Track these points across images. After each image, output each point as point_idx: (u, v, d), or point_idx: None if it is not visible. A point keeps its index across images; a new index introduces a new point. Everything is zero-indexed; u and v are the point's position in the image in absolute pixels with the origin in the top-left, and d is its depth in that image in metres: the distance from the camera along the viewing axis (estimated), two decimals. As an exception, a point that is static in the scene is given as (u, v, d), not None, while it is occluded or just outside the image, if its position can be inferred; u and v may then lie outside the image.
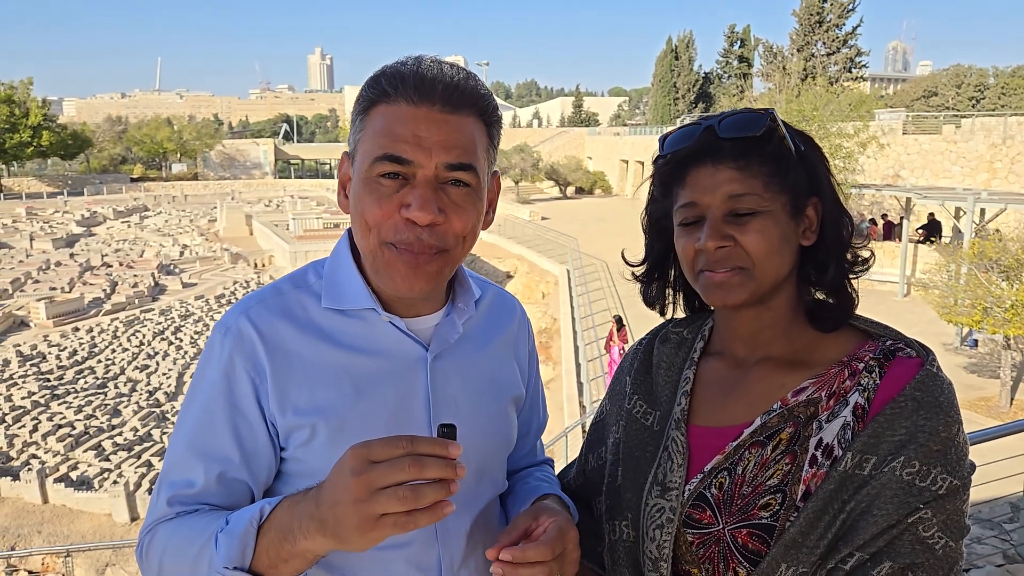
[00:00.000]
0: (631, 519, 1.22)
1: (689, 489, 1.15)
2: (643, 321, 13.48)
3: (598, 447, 1.38)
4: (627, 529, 1.22)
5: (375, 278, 1.19)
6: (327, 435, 1.15)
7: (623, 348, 13.89)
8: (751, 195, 1.12)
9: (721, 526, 1.10)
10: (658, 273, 1.33)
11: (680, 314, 1.38)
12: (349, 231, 1.26)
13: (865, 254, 1.20)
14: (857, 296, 1.20)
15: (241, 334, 1.17)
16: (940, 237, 22.97)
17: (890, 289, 22.26)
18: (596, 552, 1.28)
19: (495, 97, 1.19)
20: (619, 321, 14.80)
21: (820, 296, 1.22)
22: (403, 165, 1.09)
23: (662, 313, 1.36)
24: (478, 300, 1.33)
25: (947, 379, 1.07)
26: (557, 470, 1.52)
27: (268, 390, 1.16)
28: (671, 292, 1.35)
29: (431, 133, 1.09)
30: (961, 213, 20.65)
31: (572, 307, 21.25)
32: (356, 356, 1.20)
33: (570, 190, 55.66)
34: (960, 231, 20.63)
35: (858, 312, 1.18)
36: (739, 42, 66.02)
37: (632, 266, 1.37)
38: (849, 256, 1.19)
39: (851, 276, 1.19)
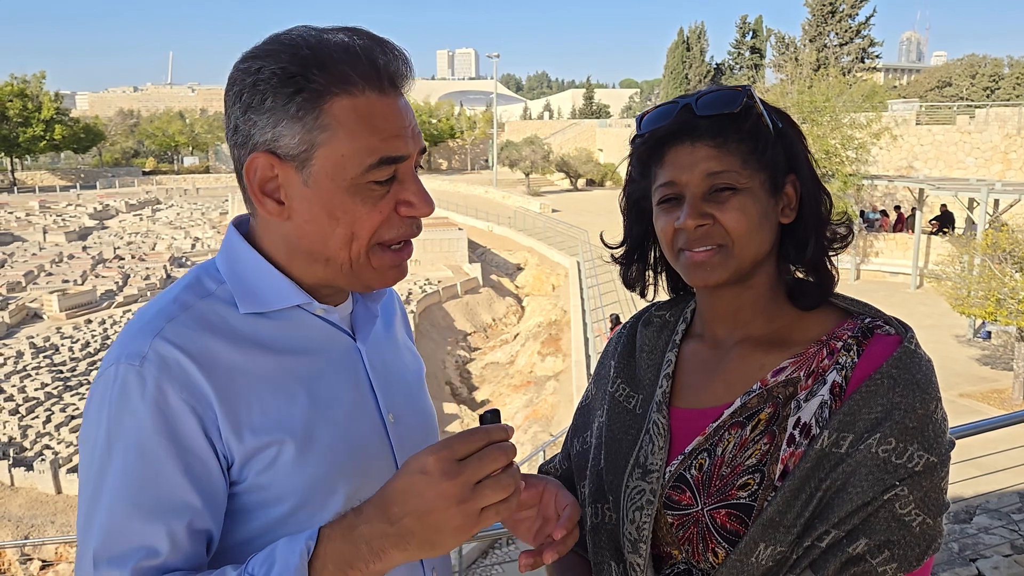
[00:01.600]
0: (613, 502, 1.21)
1: (669, 471, 1.15)
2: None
3: (583, 431, 1.38)
4: (609, 512, 1.22)
5: (346, 280, 1.10)
6: (295, 449, 1.04)
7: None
8: (729, 172, 1.11)
9: (700, 507, 1.10)
10: (638, 255, 1.32)
11: (663, 296, 1.37)
12: (233, 224, 1.15)
13: (843, 231, 1.19)
14: (837, 273, 1.19)
15: (165, 360, 0.99)
16: (953, 228, 22.83)
17: (903, 281, 22.18)
18: (580, 536, 1.27)
19: None
20: (615, 319, 14.77)
21: (800, 274, 1.21)
22: (396, 163, 1.03)
23: (642, 295, 1.36)
24: None
25: (925, 356, 1.06)
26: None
27: (217, 417, 1.00)
28: (651, 274, 1.34)
29: (408, 121, 1.04)
30: (975, 204, 20.49)
31: (582, 299, 21.27)
32: (295, 358, 1.09)
33: (581, 182, 55.56)
34: (973, 222, 20.47)
35: (871, 303, 1.17)
36: (751, 33, 65.68)
37: (611, 248, 1.36)
38: (828, 233, 1.18)
39: (830, 253, 1.19)
